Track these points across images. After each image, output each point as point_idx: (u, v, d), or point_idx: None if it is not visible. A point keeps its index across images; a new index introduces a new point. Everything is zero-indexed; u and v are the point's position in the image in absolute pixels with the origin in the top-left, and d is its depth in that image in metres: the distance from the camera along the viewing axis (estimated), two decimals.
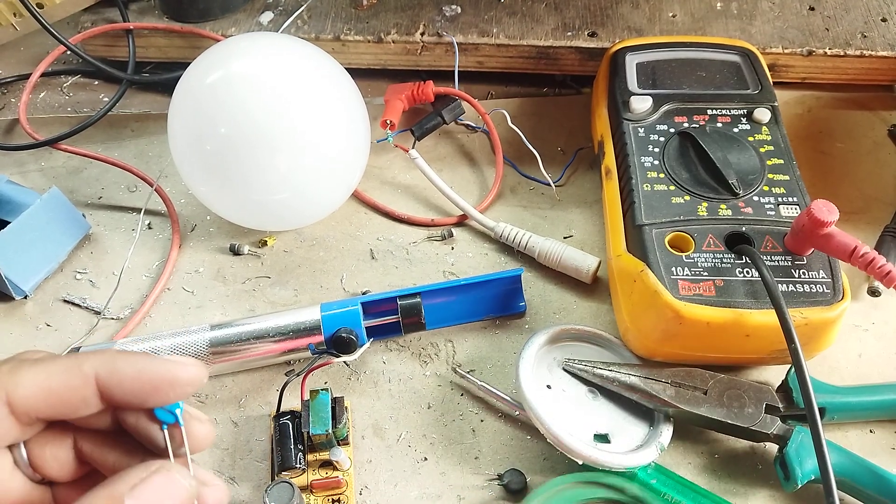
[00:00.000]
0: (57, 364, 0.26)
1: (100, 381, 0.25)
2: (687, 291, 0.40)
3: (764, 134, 0.48)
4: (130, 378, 0.26)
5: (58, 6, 0.63)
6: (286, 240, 0.54)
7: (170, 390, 0.26)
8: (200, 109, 0.46)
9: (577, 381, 0.43)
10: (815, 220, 0.39)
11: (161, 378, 0.26)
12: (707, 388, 0.41)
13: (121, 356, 0.26)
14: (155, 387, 0.26)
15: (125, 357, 0.26)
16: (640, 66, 0.54)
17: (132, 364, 0.26)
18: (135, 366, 0.26)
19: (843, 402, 0.41)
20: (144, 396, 0.26)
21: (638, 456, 0.39)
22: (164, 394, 0.26)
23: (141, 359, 0.26)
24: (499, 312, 0.49)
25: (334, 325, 0.44)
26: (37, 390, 0.25)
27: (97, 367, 0.26)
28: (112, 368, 0.26)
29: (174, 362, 0.26)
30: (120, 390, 0.25)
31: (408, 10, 0.63)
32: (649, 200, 0.45)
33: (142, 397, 0.26)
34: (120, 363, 0.26)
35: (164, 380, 0.26)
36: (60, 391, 0.25)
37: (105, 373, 0.25)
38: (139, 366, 0.26)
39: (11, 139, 0.61)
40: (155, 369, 0.26)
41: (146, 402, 0.26)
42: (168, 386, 0.26)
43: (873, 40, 0.59)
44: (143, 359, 0.26)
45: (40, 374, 0.25)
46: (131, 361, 0.26)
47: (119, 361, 0.26)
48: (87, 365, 0.26)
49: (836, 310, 0.40)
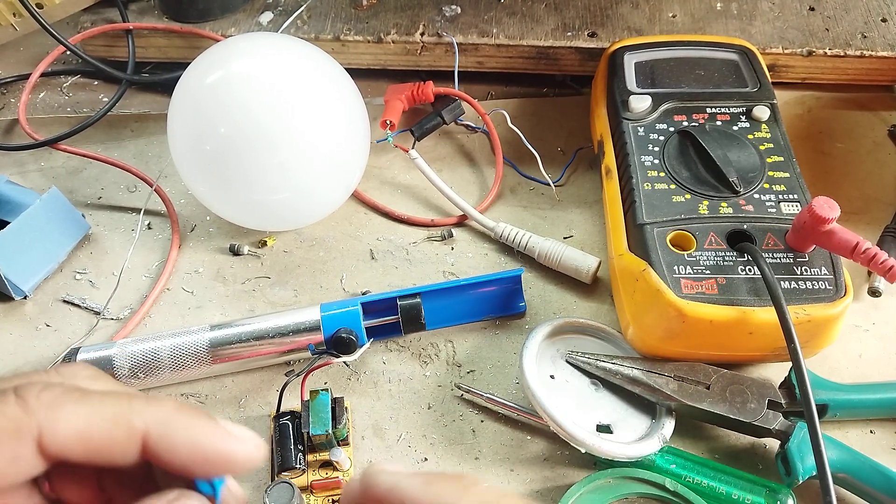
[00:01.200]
0: (105, 408, 0.22)
1: (148, 441, 0.22)
2: (689, 290, 0.40)
3: (763, 132, 0.48)
4: (183, 447, 0.22)
5: (57, 6, 0.63)
6: (286, 240, 0.54)
7: (223, 468, 0.23)
8: (200, 109, 0.46)
9: (579, 373, 0.43)
10: (816, 217, 0.39)
11: (217, 454, 0.23)
12: (710, 383, 0.41)
13: (178, 416, 0.23)
14: (208, 462, 0.23)
15: (183, 418, 0.23)
16: (639, 65, 0.54)
17: (189, 430, 0.23)
18: (191, 433, 0.23)
19: (846, 400, 0.41)
20: (193, 468, 0.23)
21: (641, 446, 0.39)
22: (215, 470, 0.23)
23: (199, 425, 0.23)
24: (499, 313, 0.49)
25: (334, 325, 0.44)
26: (74, 435, 0.22)
27: (150, 423, 0.22)
28: (166, 431, 0.22)
29: (235, 437, 0.23)
30: (168, 457, 0.22)
31: (408, 10, 0.63)
32: (650, 199, 0.45)
33: (190, 468, 0.23)
34: (175, 426, 0.23)
35: (221, 457, 0.23)
36: (101, 441, 0.22)
37: (157, 434, 0.22)
38: (196, 434, 0.23)
39: (11, 139, 0.61)
40: (213, 443, 0.23)
41: (192, 473, 0.23)
42: (223, 464, 0.23)
43: (873, 40, 0.59)
44: (202, 426, 0.23)
45: (83, 419, 0.22)
46: (188, 427, 0.23)
47: (175, 423, 0.23)
48: (138, 420, 0.22)
49: (838, 306, 0.39)
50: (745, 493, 0.38)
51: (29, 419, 0.21)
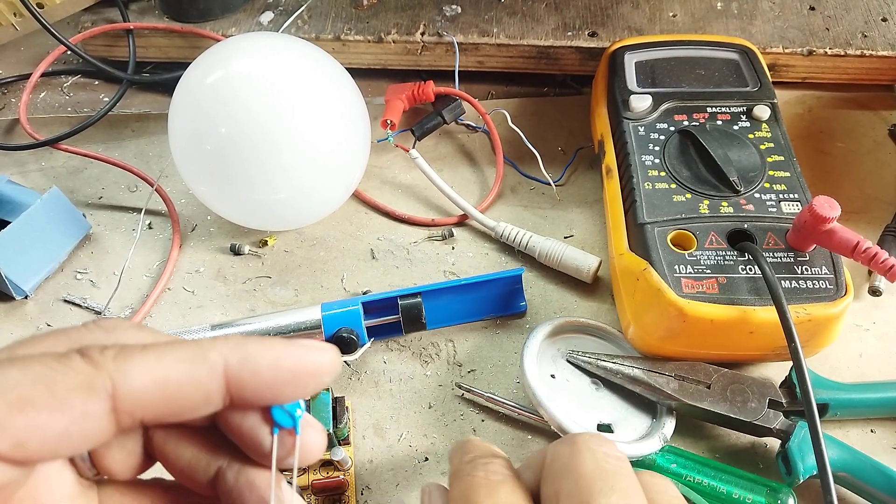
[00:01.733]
0: (176, 351, 0.21)
1: (230, 373, 0.21)
2: (690, 289, 0.40)
3: (764, 131, 0.48)
4: (267, 368, 0.21)
5: (58, 6, 0.63)
6: (287, 240, 0.54)
7: (310, 382, 0.22)
8: (200, 109, 0.46)
9: (580, 373, 0.43)
10: (816, 216, 0.39)
11: (303, 367, 0.21)
12: (710, 383, 0.41)
13: (251, 342, 0.21)
14: (295, 377, 0.21)
15: (257, 343, 0.21)
16: (639, 64, 0.54)
17: (267, 351, 0.21)
18: (271, 352, 0.21)
19: (847, 399, 0.41)
20: (280, 390, 0.21)
21: (641, 446, 0.39)
22: (302, 387, 0.22)
23: (275, 344, 0.22)
24: (499, 312, 0.49)
25: (335, 324, 0.44)
26: (151, 385, 0.20)
27: (227, 354, 0.21)
28: (244, 356, 0.21)
29: (313, 348, 0.22)
30: (253, 383, 0.21)
31: (408, 9, 0.63)
32: (651, 199, 0.45)
33: (276, 391, 0.21)
34: (252, 349, 0.21)
35: (307, 369, 0.22)
36: (182, 386, 0.20)
37: (237, 362, 0.21)
38: (275, 352, 0.21)
39: (11, 139, 0.61)
40: (295, 357, 0.21)
41: (279, 397, 0.22)
42: (310, 377, 0.22)
43: (874, 40, 0.59)
44: (278, 344, 0.22)
45: (157, 364, 0.20)
46: (265, 347, 0.21)
47: (251, 347, 0.21)
48: (213, 352, 0.21)
49: (839, 305, 0.39)
50: (746, 493, 0.38)
51: (100, 373, 0.19)
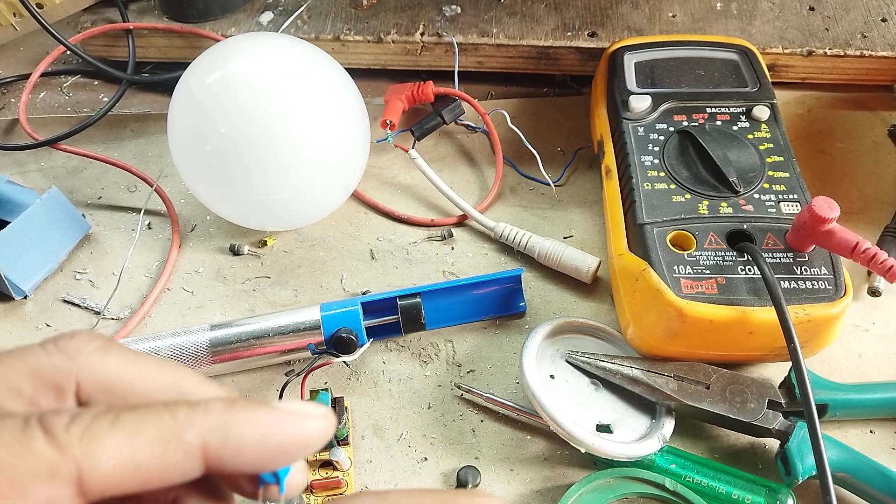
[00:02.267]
0: (147, 429, 0.19)
1: (209, 454, 0.19)
2: (689, 290, 0.40)
3: (763, 131, 0.48)
4: (250, 447, 0.19)
5: (58, 6, 0.63)
6: (286, 240, 0.54)
7: (298, 453, 0.20)
8: (200, 109, 0.46)
9: (579, 373, 0.43)
10: (816, 217, 0.39)
11: (290, 442, 0.20)
12: (710, 383, 0.41)
13: (234, 415, 0.19)
14: (282, 453, 0.20)
15: (241, 418, 0.20)
16: (639, 65, 0.54)
17: (252, 428, 0.19)
18: (256, 429, 0.19)
19: (846, 399, 0.41)
20: (265, 464, 0.20)
21: (640, 446, 0.39)
22: (290, 459, 0.20)
23: (261, 418, 0.20)
24: (499, 312, 0.49)
25: (334, 325, 0.44)
26: (120, 467, 0.18)
27: (205, 434, 0.19)
28: (226, 437, 0.19)
29: (303, 416, 0.20)
30: (234, 461, 0.19)
31: (408, 10, 0.63)
32: (650, 199, 0.45)
33: (262, 465, 0.20)
34: (235, 428, 0.19)
35: (294, 443, 0.20)
36: (153, 468, 0.18)
37: (217, 443, 0.19)
38: (261, 429, 0.19)
39: (11, 139, 0.61)
40: (284, 431, 0.20)
41: (265, 468, 0.20)
42: (298, 450, 0.20)
43: (873, 40, 0.59)
44: (263, 418, 0.20)
45: (126, 445, 0.18)
46: (249, 424, 0.19)
47: (234, 425, 0.19)
48: (190, 433, 0.19)
49: (838, 306, 0.39)
50: (745, 493, 0.38)
51: (64, 458, 0.18)
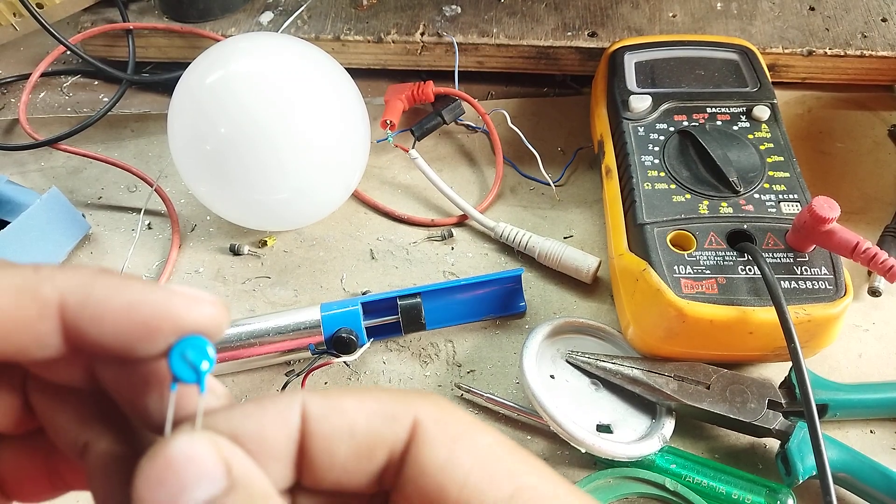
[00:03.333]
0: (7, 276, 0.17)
1: (67, 314, 0.17)
2: (689, 290, 0.40)
3: (763, 131, 0.48)
4: (113, 313, 0.17)
5: (58, 6, 0.63)
6: (286, 240, 0.54)
7: (170, 335, 0.17)
8: (200, 109, 0.46)
9: (579, 373, 0.43)
10: (816, 217, 0.39)
11: (162, 319, 0.17)
12: (710, 383, 0.41)
13: (102, 278, 0.17)
14: (150, 330, 0.17)
15: (108, 280, 0.17)
16: (639, 65, 0.54)
17: (118, 292, 0.17)
18: (123, 297, 0.17)
19: (846, 399, 0.41)
20: (130, 340, 0.17)
21: (641, 446, 0.39)
22: (159, 339, 0.17)
23: (131, 285, 0.17)
24: (499, 312, 0.49)
25: (334, 325, 0.44)
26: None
27: (64, 290, 0.17)
28: (87, 296, 0.17)
29: (182, 295, 0.17)
30: (96, 331, 0.17)
31: (408, 10, 0.63)
32: (650, 199, 0.45)
33: (127, 344, 0.17)
34: (99, 289, 0.17)
35: (168, 322, 0.17)
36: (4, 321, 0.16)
37: (76, 302, 0.17)
38: (129, 297, 0.17)
39: (11, 139, 0.61)
40: (154, 305, 0.17)
41: (132, 351, 0.17)
42: (170, 330, 0.17)
43: (873, 40, 0.59)
44: (134, 285, 0.17)
45: None
46: (117, 287, 0.17)
47: (98, 286, 0.17)
48: (49, 286, 0.17)
49: (838, 306, 0.39)
50: (745, 493, 0.38)
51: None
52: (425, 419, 0.18)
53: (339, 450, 0.18)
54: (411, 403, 0.18)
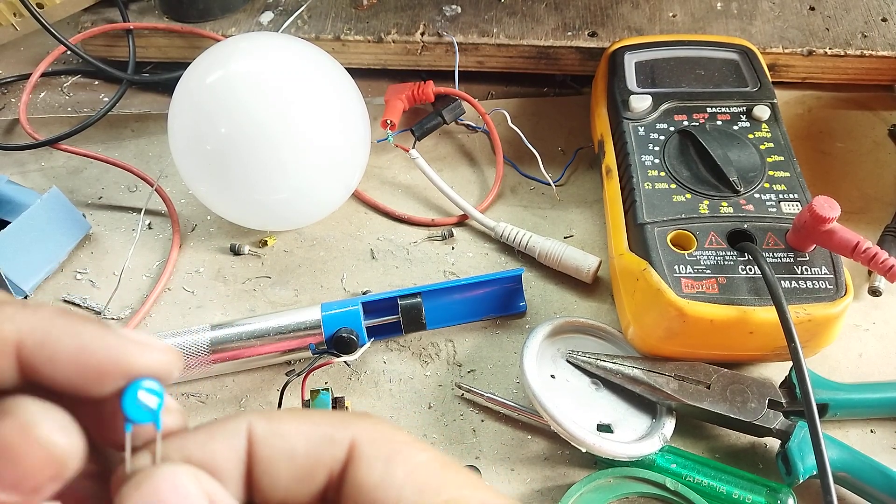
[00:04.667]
0: None
1: (23, 353, 0.17)
2: (690, 289, 0.40)
3: (764, 131, 0.48)
4: (67, 356, 0.17)
5: (58, 6, 0.63)
6: (286, 240, 0.54)
7: (118, 380, 0.18)
8: (200, 109, 0.46)
9: (580, 373, 0.43)
10: (816, 217, 0.39)
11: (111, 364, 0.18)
12: (710, 383, 0.41)
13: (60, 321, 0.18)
14: (100, 374, 0.18)
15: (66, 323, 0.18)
16: (639, 65, 0.54)
17: (74, 336, 0.18)
18: (77, 339, 0.18)
19: (846, 399, 0.41)
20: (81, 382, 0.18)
21: (641, 446, 0.39)
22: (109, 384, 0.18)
23: (87, 330, 0.18)
24: (499, 312, 0.49)
25: (335, 324, 0.44)
26: None
27: (23, 331, 0.17)
28: (45, 338, 0.17)
29: (136, 342, 0.18)
30: (49, 370, 0.17)
31: (408, 10, 0.63)
32: (650, 199, 0.45)
33: (79, 386, 0.18)
34: (57, 332, 0.18)
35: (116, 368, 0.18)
36: None
37: (32, 343, 0.17)
38: (83, 342, 0.18)
39: (11, 139, 0.61)
40: (105, 352, 0.18)
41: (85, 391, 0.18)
42: (118, 375, 0.18)
43: (873, 40, 0.59)
44: (91, 330, 0.18)
45: None
46: (73, 332, 0.18)
47: (56, 329, 0.18)
48: (8, 326, 0.17)
49: (838, 306, 0.40)
50: (746, 493, 0.38)
51: None
52: (361, 440, 0.19)
53: (281, 472, 0.19)
54: (349, 425, 0.19)
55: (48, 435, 0.17)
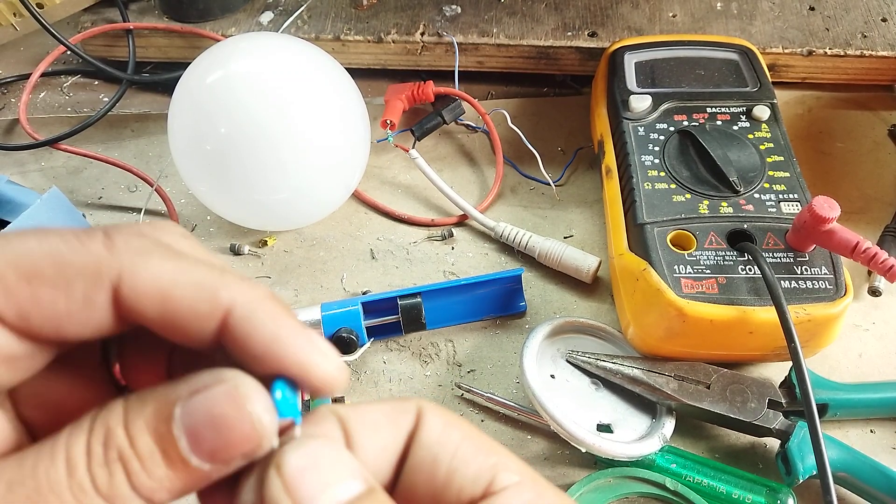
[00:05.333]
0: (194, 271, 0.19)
1: (229, 320, 0.19)
2: (690, 289, 0.40)
3: (763, 131, 0.48)
4: (262, 339, 0.19)
5: (58, 6, 0.63)
6: (286, 240, 0.54)
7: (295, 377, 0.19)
8: (200, 109, 0.46)
9: (580, 373, 0.43)
10: (816, 217, 0.39)
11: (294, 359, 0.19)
12: (710, 383, 0.41)
13: (269, 304, 0.19)
14: (282, 364, 0.19)
15: (272, 309, 0.19)
16: (639, 65, 0.54)
17: (275, 324, 0.19)
18: (276, 327, 0.19)
19: (846, 399, 0.41)
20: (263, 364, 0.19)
21: (641, 446, 0.39)
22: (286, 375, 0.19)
23: (288, 323, 0.19)
24: (499, 312, 0.49)
25: (335, 324, 0.44)
26: (155, 290, 0.19)
27: (237, 301, 0.19)
28: (250, 315, 0.19)
29: (319, 350, 0.19)
30: (242, 343, 0.19)
31: (408, 10, 0.63)
32: (650, 199, 0.45)
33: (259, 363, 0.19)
34: (262, 313, 0.19)
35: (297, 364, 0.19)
36: (180, 305, 0.19)
37: (240, 315, 0.19)
38: (281, 330, 0.19)
39: (11, 139, 0.61)
40: (294, 345, 0.19)
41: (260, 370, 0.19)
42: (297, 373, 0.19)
43: (873, 40, 0.59)
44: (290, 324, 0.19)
45: (168, 275, 0.19)
46: (276, 319, 0.19)
47: (263, 310, 0.19)
48: (226, 293, 0.19)
49: (838, 306, 0.40)
50: (746, 493, 0.38)
51: (112, 260, 0.19)
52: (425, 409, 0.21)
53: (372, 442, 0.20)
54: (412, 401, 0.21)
55: (259, 412, 0.18)
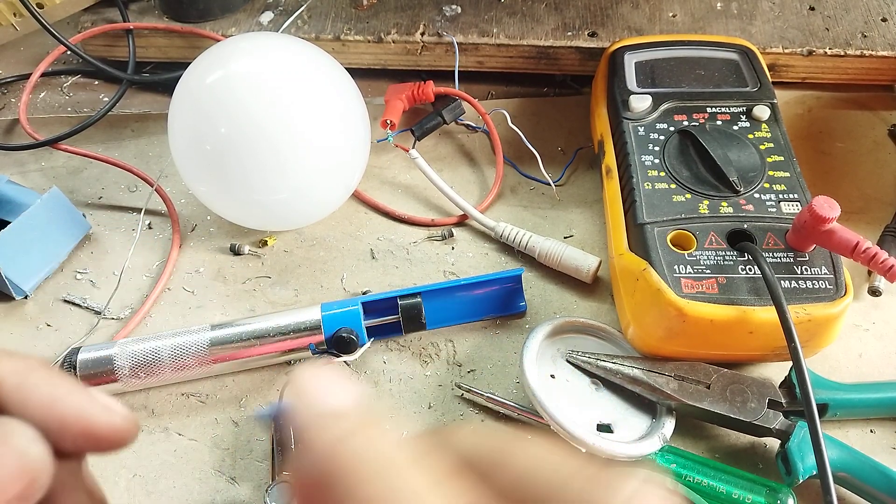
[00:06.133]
0: None
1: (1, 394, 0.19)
2: (690, 289, 0.40)
3: (763, 131, 0.48)
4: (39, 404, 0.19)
5: (58, 6, 0.63)
6: (286, 240, 0.54)
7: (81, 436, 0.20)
8: (200, 109, 0.46)
9: (580, 373, 0.43)
10: (816, 217, 0.39)
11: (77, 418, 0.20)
12: (710, 383, 0.41)
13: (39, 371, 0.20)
14: (65, 425, 0.19)
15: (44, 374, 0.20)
16: (639, 65, 0.54)
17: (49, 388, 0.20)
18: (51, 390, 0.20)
19: (846, 399, 0.41)
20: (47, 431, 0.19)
21: (641, 446, 0.39)
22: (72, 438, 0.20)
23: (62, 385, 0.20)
24: (499, 312, 0.49)
25: (335, 324, 0.44)
26: None
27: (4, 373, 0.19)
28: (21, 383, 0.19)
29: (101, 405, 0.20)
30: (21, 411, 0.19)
31: (408, 10, 0.63)
32: (650, 199, 0.45)
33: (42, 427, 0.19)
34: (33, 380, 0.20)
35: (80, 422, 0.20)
36: None
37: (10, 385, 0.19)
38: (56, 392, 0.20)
39: (11, 139, 0.61)
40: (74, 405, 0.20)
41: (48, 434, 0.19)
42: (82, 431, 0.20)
43: (873, 40, 0.59)
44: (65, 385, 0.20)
45: None
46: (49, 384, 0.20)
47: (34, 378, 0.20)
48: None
49: (838, 305, 0.40)
50: (746, 493, 0.38)
51: None
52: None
53: None
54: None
55: (24, 445, 0.18)
